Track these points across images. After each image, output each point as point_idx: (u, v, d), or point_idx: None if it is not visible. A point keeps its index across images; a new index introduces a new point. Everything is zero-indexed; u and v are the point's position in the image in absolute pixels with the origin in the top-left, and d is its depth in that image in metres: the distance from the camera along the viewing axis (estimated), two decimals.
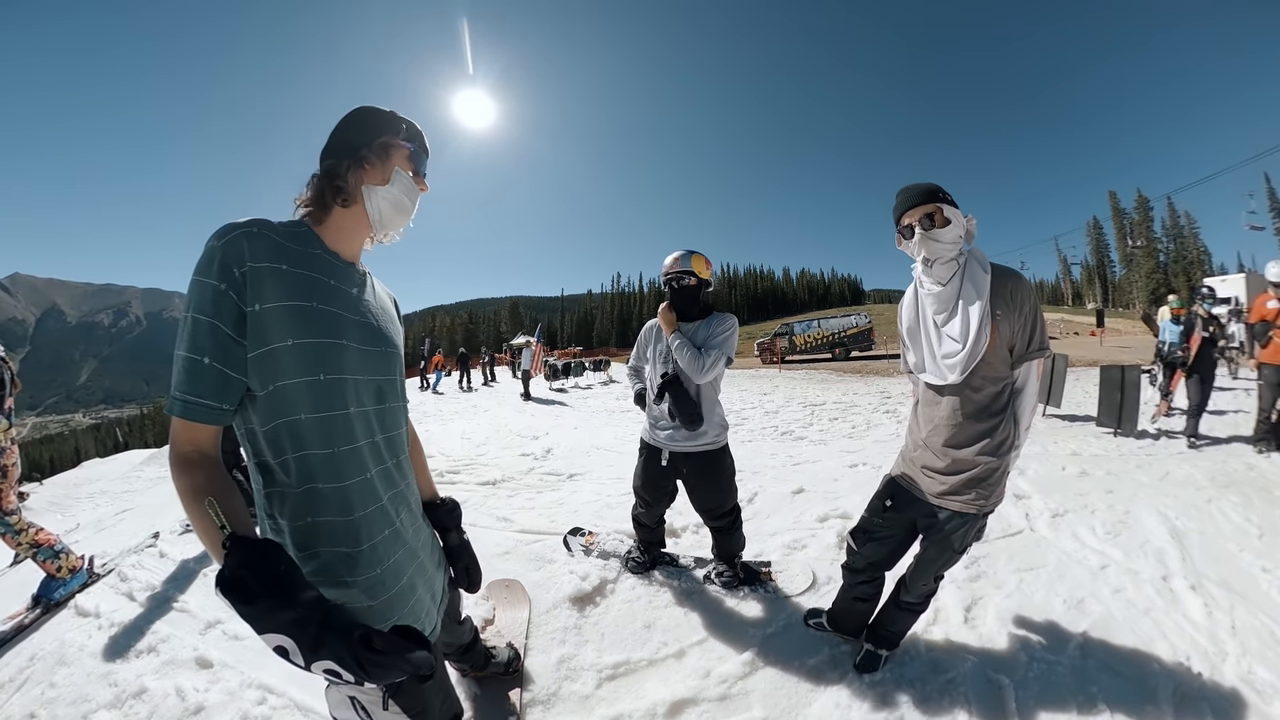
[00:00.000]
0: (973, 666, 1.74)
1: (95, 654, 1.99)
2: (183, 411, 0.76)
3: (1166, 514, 2.99)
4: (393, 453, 0.97)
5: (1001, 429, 1.40)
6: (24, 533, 2.49)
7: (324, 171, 0.92)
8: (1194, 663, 1.74)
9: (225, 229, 0.79)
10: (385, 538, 0.91)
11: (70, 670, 1.90)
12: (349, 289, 0.92)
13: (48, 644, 2.08)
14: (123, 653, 1.97)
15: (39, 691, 1.81)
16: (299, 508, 0.83)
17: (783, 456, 4.76)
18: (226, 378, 0.77)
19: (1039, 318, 1.36)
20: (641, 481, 2.24)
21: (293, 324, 0.81)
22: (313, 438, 0.83)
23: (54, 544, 2.54)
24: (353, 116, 0.94)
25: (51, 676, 1.88)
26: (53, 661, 1.96)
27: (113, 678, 1.83)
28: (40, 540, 2.52)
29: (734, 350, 2.05)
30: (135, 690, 1.74)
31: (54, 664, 1.95)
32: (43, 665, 1.95)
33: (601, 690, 1.71)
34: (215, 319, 0.76)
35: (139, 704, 1.70)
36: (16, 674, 1.92)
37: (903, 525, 1.61)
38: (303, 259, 0.85)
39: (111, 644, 2.04)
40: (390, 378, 0.97)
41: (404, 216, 0.98)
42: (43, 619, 2.32)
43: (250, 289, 0.78)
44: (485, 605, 2.14)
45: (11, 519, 2.49)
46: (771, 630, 1.96)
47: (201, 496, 0.73)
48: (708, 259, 2.08)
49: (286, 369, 0.80)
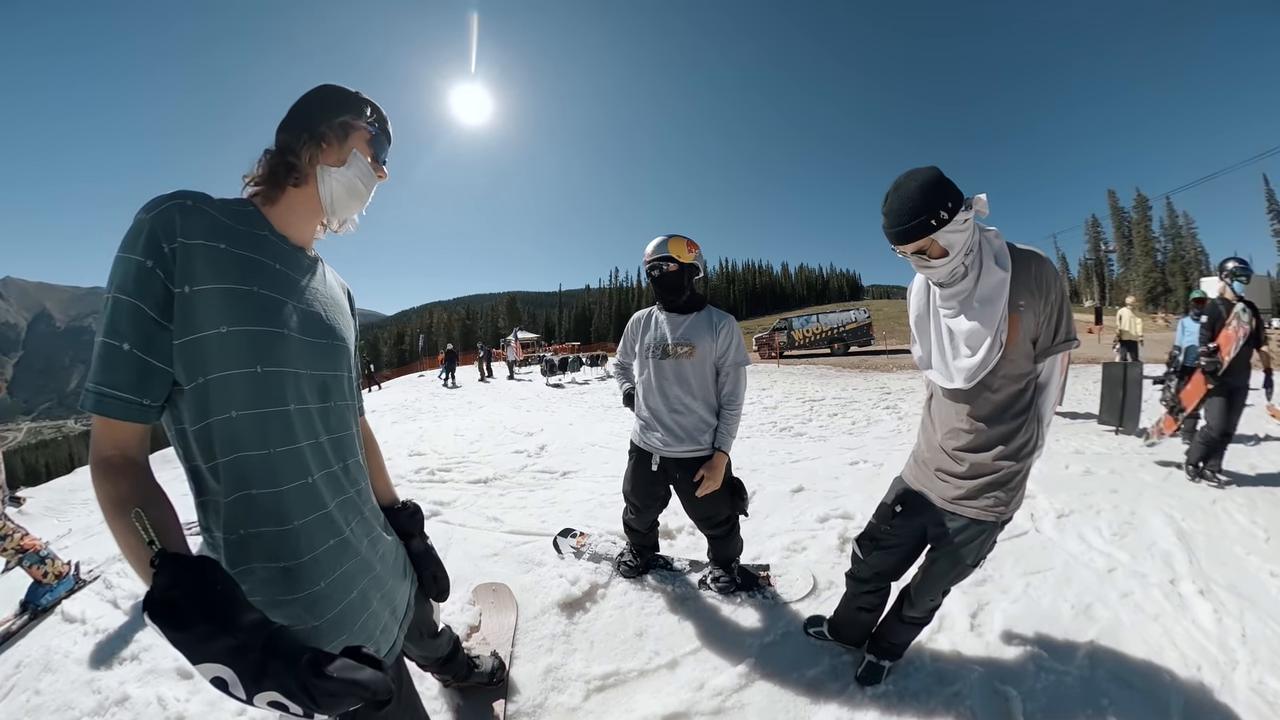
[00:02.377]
0: (979, 678, 1.68)
1: (80, 661, 1.97)
2: (96, 405, 0.68)
3: (1172, 515, 2.94)
4: (340, 456, 0.90)
5: (1024, 430, 1.27)
6: (9, 538, 2.46)
7: (278, 147, 0.86)
8: (1205, 673, 1.69)
9: (156, 200, 0.72)
10: (331, 548, 0.84)
11: (55, 677, 1.89)
12: (296, 275, 0.86)
13: (34, 651, 2.07)
14: (106, 660, 1.96)
15: (24, 699, 1.80)
16: (232, 518, 0.76)
17: (781, 453, 4.69)
18: (148, 367, 0.69)
19: (1066, 305, 1.21)
20: (631, 487, 2.15)
21: (228, 309, 0.74)
22: (247, 438, 0.76)
23: (39, 549, 2.51)
24: (316, 93, 0.89)
25: (37, 683, 1.87)
26: (38, 668, 1.95)
27: (96, 685, 1.81)
28: (25, 545, 2.49)
29: (746, 355, 1.96)
30: (118, 698, 1.73)
31: (39, 671, 1.94)
32: (28, 672, 1.94)
33: (589, 703, 1.65)
34: (138, 299, 0.69)
35: (122, 711, 1.69)
36: (3, 681, 1.92)
37: (913, 533, 1.51)
38: (245, 239, 0.79)
39: (96, 651, 2.02)
40: (336, 373, 0.91)
41: (358, 202, 0.92)
42: (30, 625, 2.31)
43: (180, 268, 0.71)
44: (471, 610, 2.08)
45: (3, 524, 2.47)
46: (769, 639, 1.90)
47: (127, 508, 0.65)
48: (690, 241, 1.91)
49: (218, 359, 0.73)
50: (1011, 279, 1.16)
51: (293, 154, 0.85)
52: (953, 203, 1.08)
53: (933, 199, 1.07)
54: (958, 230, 1.09)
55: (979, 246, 1.19)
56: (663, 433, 1.98)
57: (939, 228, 1.08)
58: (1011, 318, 1.18)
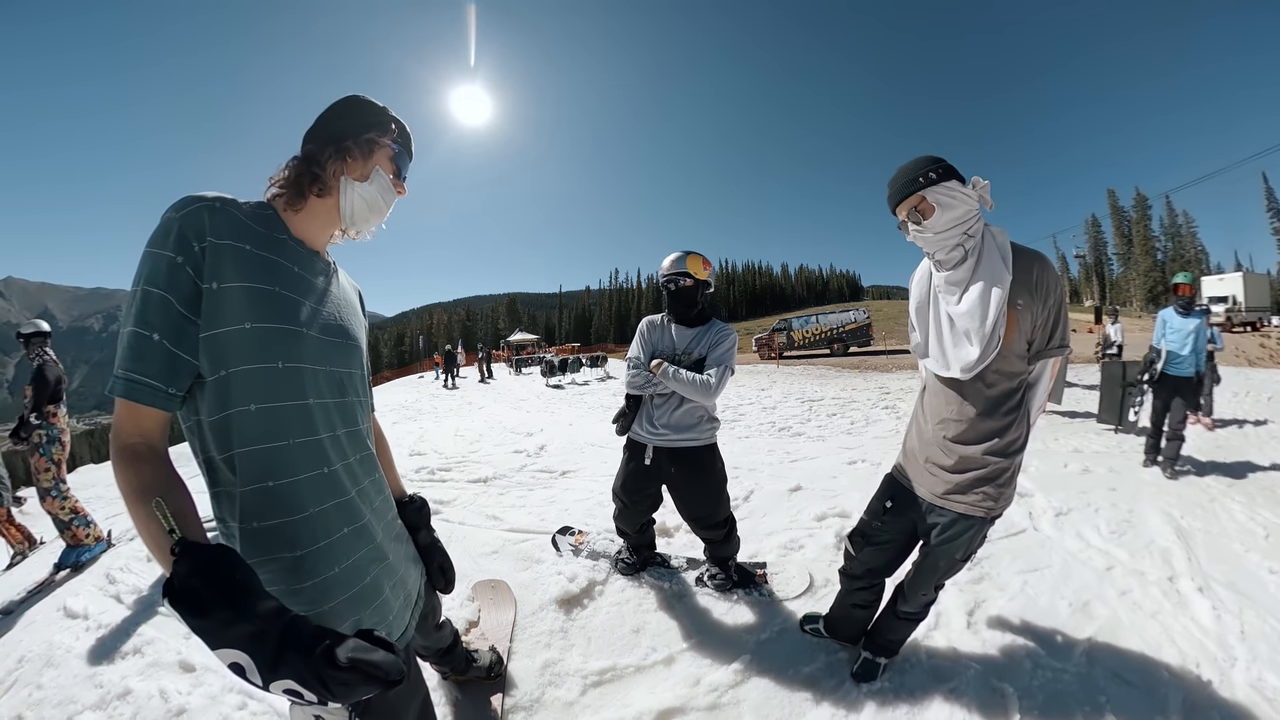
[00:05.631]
0: (975, 674, 1.68)
1: (82, 656, 1.99)
2: (125, 391, 0.70)
3: (1171, 513, 2.94)
4: (355, 448, 0.93)
5: (1014, 429, 1.29)
6: (69, 499, 3.05)
7: (304, 156, 0.88)
8: (1203, 669, 1.69)
9: (185, 200, 0.76)
10: (345, 535, 0.86)
11: (57, 672, 1.91)
12: (313, 278, 0.90)
13: (36, 646, 2.09)
14: (109, 655, 1.97)
15: (26, 693, 1.81)
16: (248, 509, 0.78)
17: (780, 453, 4.69)
18: (175, 358, 0.72)
19: (1063, 311, 1.23)
20: (621, 481, 2.14)
21: (252, 306, 0.77)
22: (265, 430, 0.78)
23: (87, 515, 3.08)
24: (344, 104, 0.91)
25: (39, 678, 1.89)
26: (40, 663, 1.97)
27: (98, 679, 1.83)
28: (79, 509, 3.05)
29: (735, 362, 1.97)
30: (120, 692, 1.74)
31: (42, 665, 1.95)
32: (31, 667, 1.96)
33: (586, 697, 1.65)
34: (168, 293, 0.72)
35: (123, 705, 1.70)
36: (5, 675, 1.94)
37: (904, 529, 1.51)
38: (267, 242, 0.82)
39: (98, 646, 2.04)
40: (350, 371, 0.94)
41: (377, 217, 0.95)
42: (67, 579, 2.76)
43: (209, 265, 0.74)
44: (470, 606, 2.08)
45: (64, 487, 3.06)
46: (765, 636, 1.90)
47: (148, 496, 0.66)
48: (706, 259, 1.99)
49: (241, 354, 0.76)
50: (1012, 277, 1.19)
51: (318, 165, 0.87)
52: (944, 170, 1.18)
53: (924, 164, 1.20)
54: (949, 195, 1.17)
55: (982, 238, 1.23)
56: (659, 425, 1.99)
57: (926, 185, 1.18)
58: (1009, 315, 1.20)
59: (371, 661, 0.61)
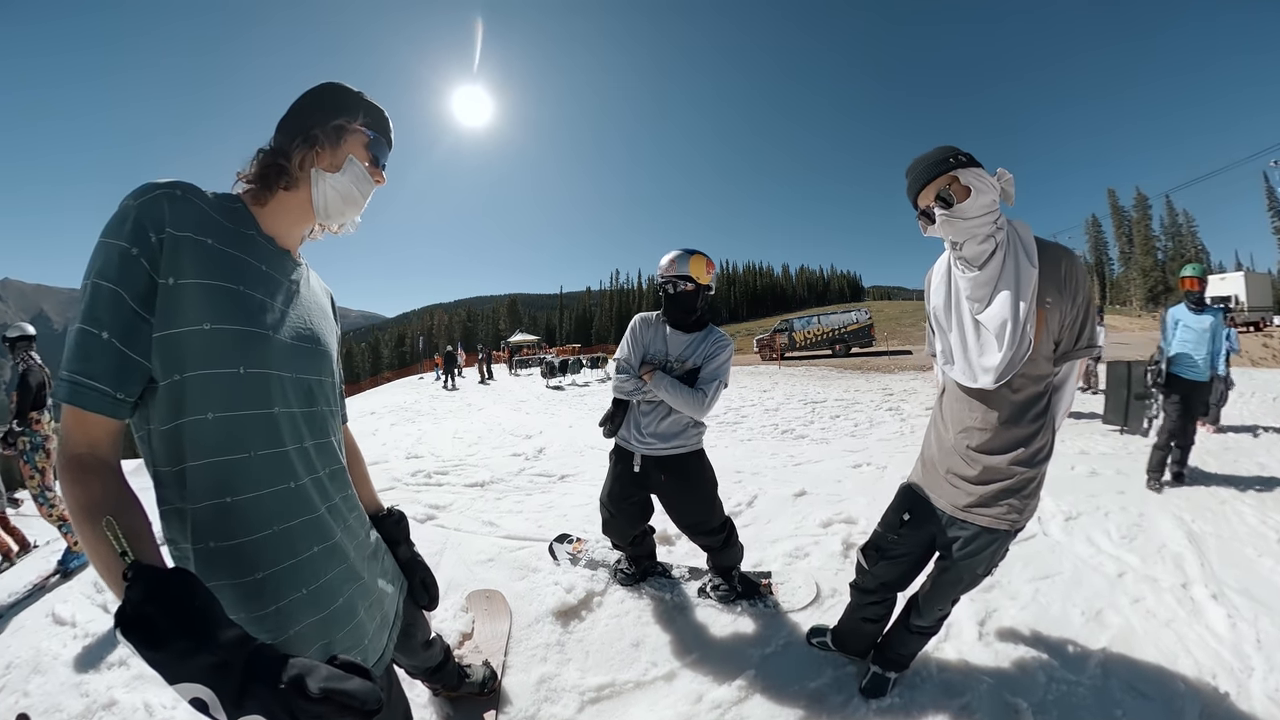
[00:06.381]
0: (988, 689, 1.62)
1: (69, 663, 1.97)
2: (69, 395, 0.65)
3: (1181, 517, 2.89)
4: (325, 461, 0.87)
5: (1040, 436, 1.22)
6: (57, 507, 3.01)
7: (272, 148, 0.84)
8: (1220, 680, 1.64)
9: (145, 187, 0.70)
10: (315, 554, 0.81)
11: (44, 679, 1.89)
12: (282, 278, 0.84)
13: (24, 652, 2.08)
14: (95, 664, 1.95)
15: (13, 700, 1.80)
16: (201, 528, 0.72)
17: (783, 456, 4.64)
18: (126, 360, 0.66)
19: (1091, 309, 1.17)
20: (608, 490, 2.06)
21: (212, 306, 0.71)
22: (224, 441, 0.72)
23: None
24: (314, 92, 0.86)
25: (26, 685, 1.87)
26: (28, 670, 1.95)
27: (84, 688, 1.81)
28: (65, 516, 2.96)
29: (729, 376, 1.91)
30: (105, 702, 1.72)
31: (29, 672, 1.94)
32: (18, 673, 1.94)
33: (583, 715, 1.60)
34: (119, 287, 0.66)
35: (109, 715, 1.68)
36: None
37: (921, 542, 1.44)
38: (232, 237, 0.77)
39: (85, 654, 2.02)
40: (320, 378, 0.88)
41: (353, 208, 0.89)
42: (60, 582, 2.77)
43: (166, 259, 0.68)
44: (464, 617, 2.03)
45: (50, 494, 3.02)
46: (770, 649, 1.84)
47: (97, 514, 0.60)
48: (710, 259, 1.88)
49: (198, 357, 0.70)
50: (1040, 274, 1.12)
51: (284, 156, 0.82)
52: (969, 157, 1.13)
53: (949, 149, 1.14)
54: (979, 179, 1.10)
55: (1008, 233, 1.15)
56: (646, 434, 1.92)
57: (957, 166, 1.11)
58: (1038, 314, 1.13)
59: (346, 691, 0.57)
